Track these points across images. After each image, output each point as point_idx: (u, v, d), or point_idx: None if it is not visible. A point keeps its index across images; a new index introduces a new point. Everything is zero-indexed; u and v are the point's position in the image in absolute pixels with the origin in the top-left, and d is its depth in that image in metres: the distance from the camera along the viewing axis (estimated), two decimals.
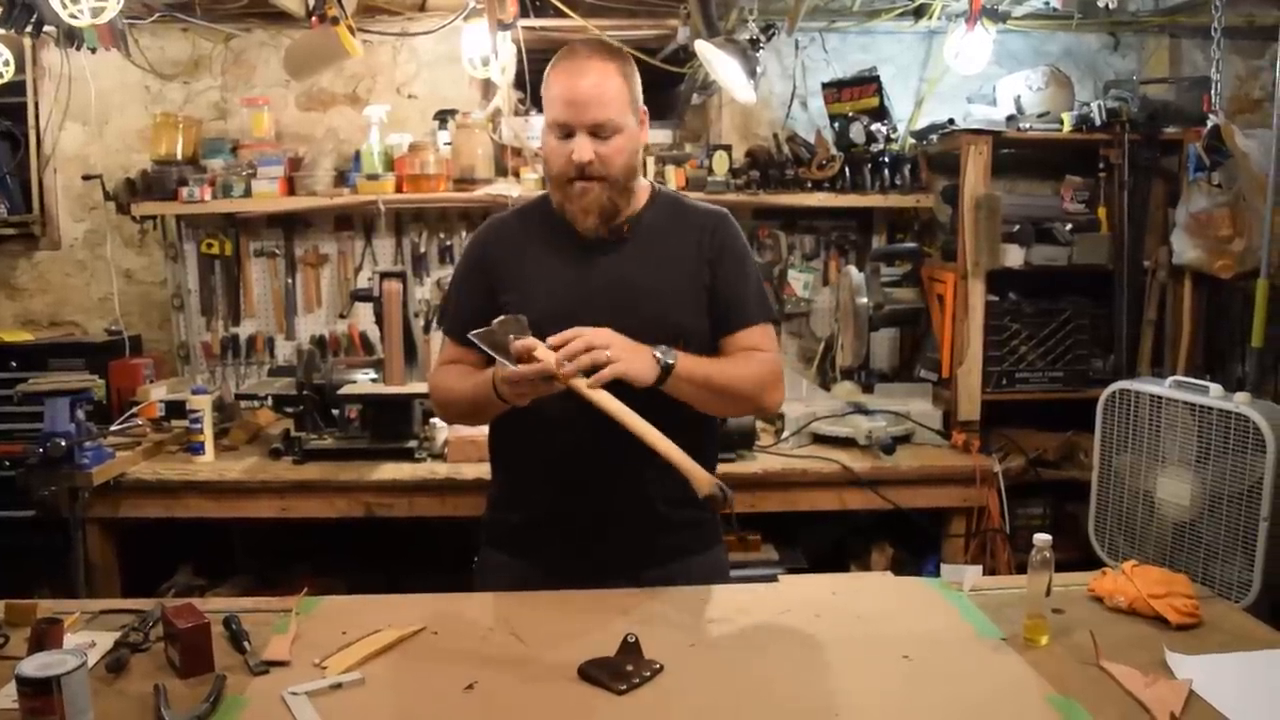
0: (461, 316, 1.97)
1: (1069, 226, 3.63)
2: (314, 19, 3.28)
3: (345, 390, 3.27)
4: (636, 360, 1.73)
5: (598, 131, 1.83)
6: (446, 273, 3.95)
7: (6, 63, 3.63)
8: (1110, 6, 3.48)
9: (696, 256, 1.97)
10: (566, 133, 1.84)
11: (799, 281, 4.08)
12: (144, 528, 3.21)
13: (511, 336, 1.70)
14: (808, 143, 3.92)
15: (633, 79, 1.92)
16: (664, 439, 1.70)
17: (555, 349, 1.69)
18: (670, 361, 1.77)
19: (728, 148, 3.83)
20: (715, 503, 1.69)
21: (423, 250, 4.01)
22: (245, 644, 1.63)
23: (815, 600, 1.86)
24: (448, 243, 4.01)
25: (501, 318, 1.74)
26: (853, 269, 3.70)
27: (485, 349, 1.72)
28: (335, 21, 3.25)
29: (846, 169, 3.77)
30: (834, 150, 3.81)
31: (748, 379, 1.94)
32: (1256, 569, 2.53)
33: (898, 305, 3.70)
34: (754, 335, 1.99)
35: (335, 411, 3.37)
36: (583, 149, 1.83)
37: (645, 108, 1.97)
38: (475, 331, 1.73)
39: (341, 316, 4.03)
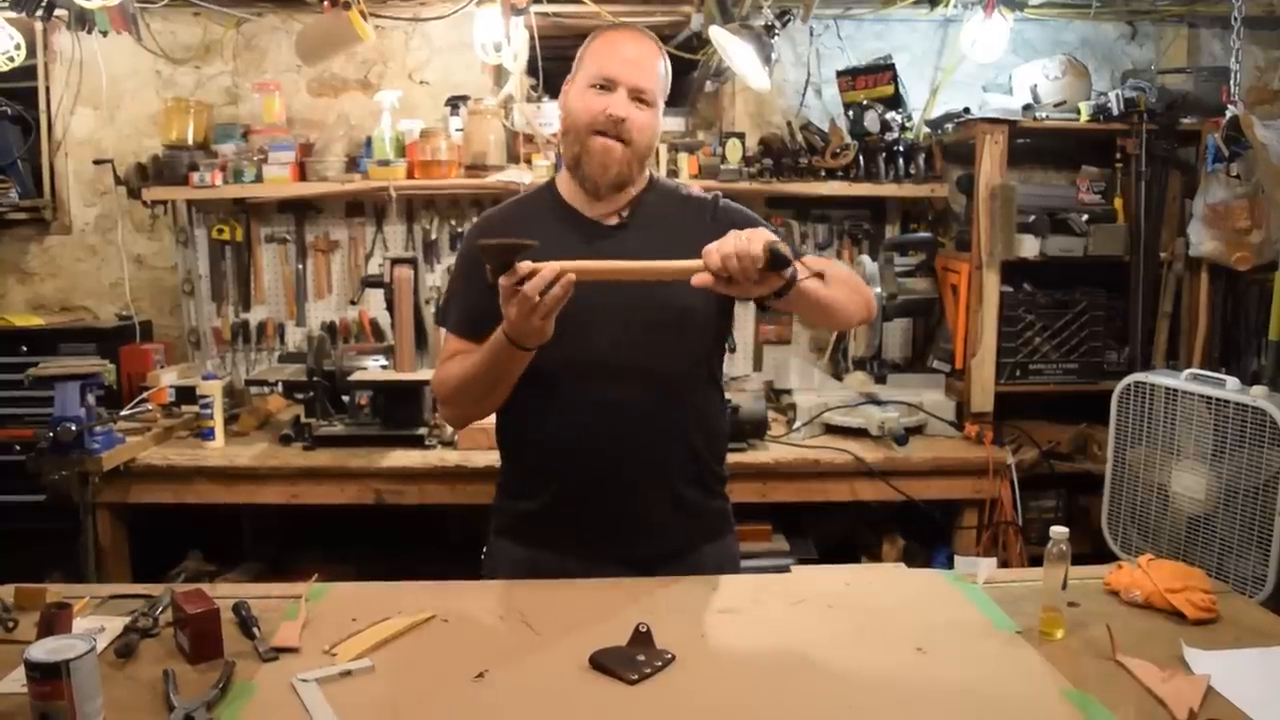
0: (466, 312, 1.96)
1: (1085, 217, 3.59)
2: (326, 3, 3.28)
3: (356, 377, 3.26)
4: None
5: (639, 96, 1.87)
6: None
7: (18, 47, 3.62)
8: None
9: (700, 238, 1.96)
10: (607, 87, 1.87)
11: None
12: (153, 513, 3.21)
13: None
14: (822, 131, 3.89)
15: (668, 69, 1.96)
16: (687, 262, 1.65)
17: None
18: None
19: (741, 135, 3.80)
20: (779, 260, 1.59)
21: (434, 237, 4.00)
22: (255, 630, 1.63)
23: (828, 591, 1.85)
24: (459, 229, 3.99)
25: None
26: (866, 258, 3.68)
27: (495, 256, 1.63)
28: (347, 6, 3.25)
29: (860, 158, 3.74)
30: (848, 139, 3.78)
31: (848, 274, 1.95)
32: (1272, 563, 2.52)
33: (911, 295, 3.68)
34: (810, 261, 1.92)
35: (345, 398, 3.37)
36: (622, 103, 1.86)
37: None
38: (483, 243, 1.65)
39: (352, 303, 4.02)
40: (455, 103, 3.86)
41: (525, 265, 1.62)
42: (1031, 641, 1.63)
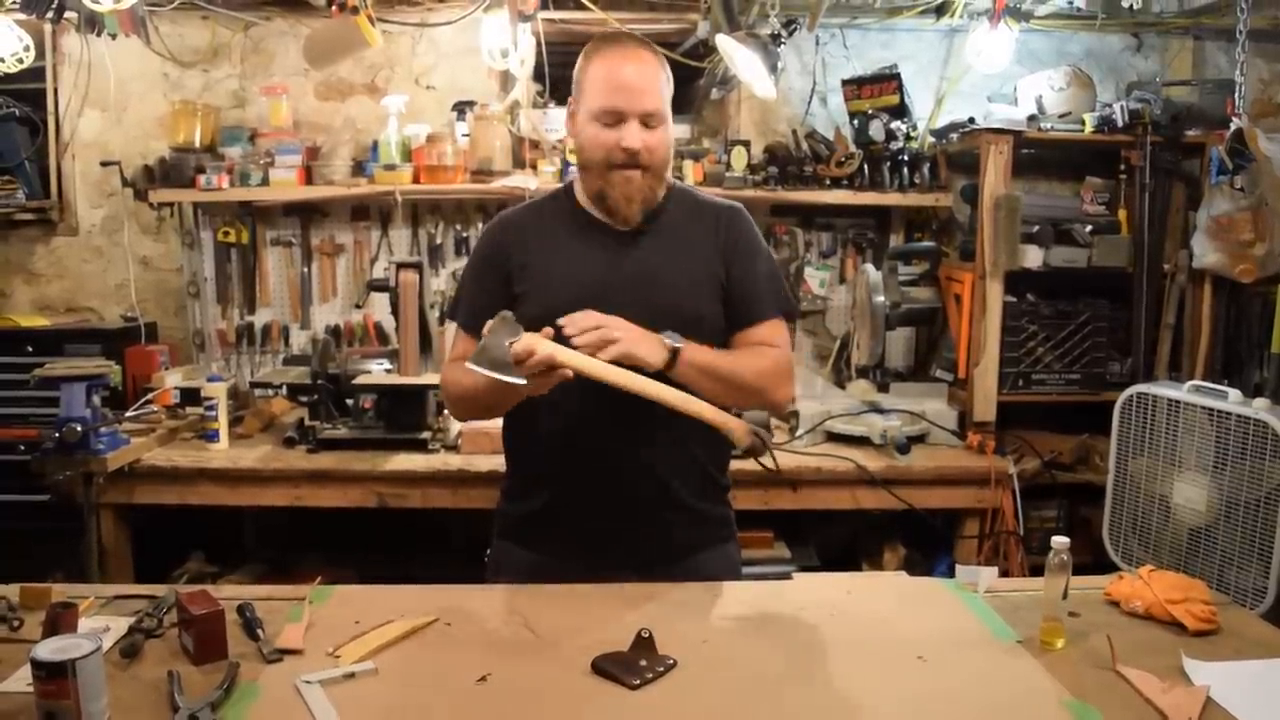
0: (476, 308, 1.96)
1: (1088, 228, 3.60)
2: (334, 8, 3.29)
3: (360, 380, 3.27)
4: (644, 343, 1.75)
5: (648, 120, 1.85)
6: (462, 264, 3.93)
7: (27, 48, 3.64)
8: (1134, 7, 3.46)
9: (712, 248, 1.98)
10: (615, 119, 1.85)
11: (815, 279, 4.07)
12: (155, 514, 3.22)
13: (508, 343, 1.67)
14: (827, 139, 3.90)
15: (668, 74, 1.95)
16: (688, 398, 1.73)
17: (560, 329, 1.70)
18: (678, 345, 1.78)
19: (746, 143, 3.81)
20: (755, 450, 1.75)
21: (439, 241, 4.01)
22: (259, 632, 1.63)
23: (830, 599, 1.86)
24: (464, 234, 4.01)
25: (490, 325, 1.71)
26: (870, 267, 3.68)
27: (491, 373, 1.69)
28: (355, 11, 3.25)
29: (865, 166, 3.75)
30: (853, 147, 3.79)
31: (755, 371, 1.93)
32: (1272, 575, 2.52)
33: (914, 304, 3.68)
34: (764, 330, 2.00)
35: (349, 401, 3.37)
36: (634, 136, 1.84)
37: None
38: (472, 362, 1.70)
39: (357, 306, 4.03)
40: (461, 108, 3.88)
41: (521, 346, 1.66)
42: (1032, 651, 1.64)
